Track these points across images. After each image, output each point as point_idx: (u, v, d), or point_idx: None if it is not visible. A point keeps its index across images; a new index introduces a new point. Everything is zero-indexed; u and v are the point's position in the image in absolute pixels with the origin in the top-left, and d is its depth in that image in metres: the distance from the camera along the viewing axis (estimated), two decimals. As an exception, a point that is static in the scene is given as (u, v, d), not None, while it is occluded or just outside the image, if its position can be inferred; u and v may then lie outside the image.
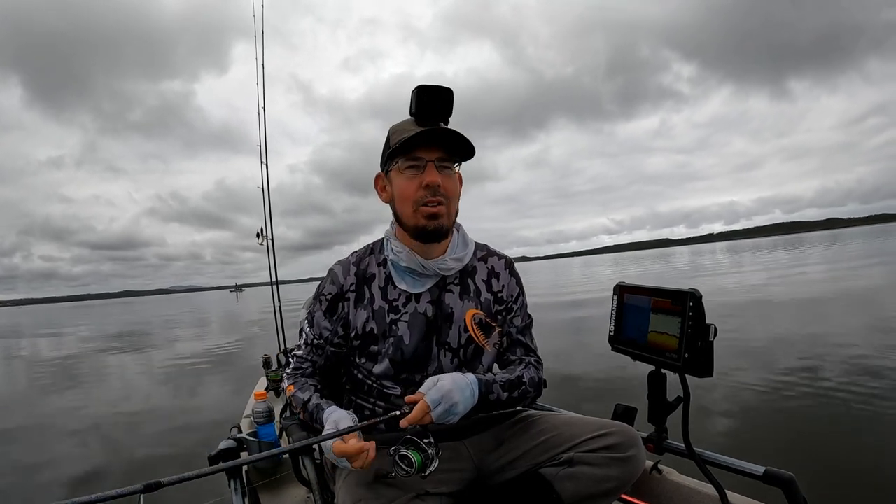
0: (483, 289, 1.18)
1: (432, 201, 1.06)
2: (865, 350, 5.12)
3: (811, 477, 2.45)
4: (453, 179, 1.09)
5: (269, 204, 3.60)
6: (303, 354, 1.18)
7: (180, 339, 14.14)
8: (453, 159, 1.09)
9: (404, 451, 0.91)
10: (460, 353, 1.13)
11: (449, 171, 1.08)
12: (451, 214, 1.10)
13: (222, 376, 7.47)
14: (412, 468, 0.90)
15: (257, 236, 3.58)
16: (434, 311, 1.13)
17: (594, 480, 0.97)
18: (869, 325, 6.56)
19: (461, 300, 1.15)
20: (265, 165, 3.59)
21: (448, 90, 1.05)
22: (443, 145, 1.07)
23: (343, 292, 1.15)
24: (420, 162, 1.06)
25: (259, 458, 0.86)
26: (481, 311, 1.16)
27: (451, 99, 1.06)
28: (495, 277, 1.20)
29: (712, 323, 0.97)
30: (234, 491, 1.48)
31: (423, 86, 1.04)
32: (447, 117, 1.07)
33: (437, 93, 1.04)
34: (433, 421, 0.94)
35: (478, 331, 1.14)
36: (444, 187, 1.07)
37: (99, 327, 23.21)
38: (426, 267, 1.12)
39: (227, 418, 4.17)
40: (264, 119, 3.62)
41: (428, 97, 1.04)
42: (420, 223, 1.07)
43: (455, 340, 1.12)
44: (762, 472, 1.00)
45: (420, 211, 1.07)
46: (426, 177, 1.05)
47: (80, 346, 14.44)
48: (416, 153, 1.06)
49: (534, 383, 1.13)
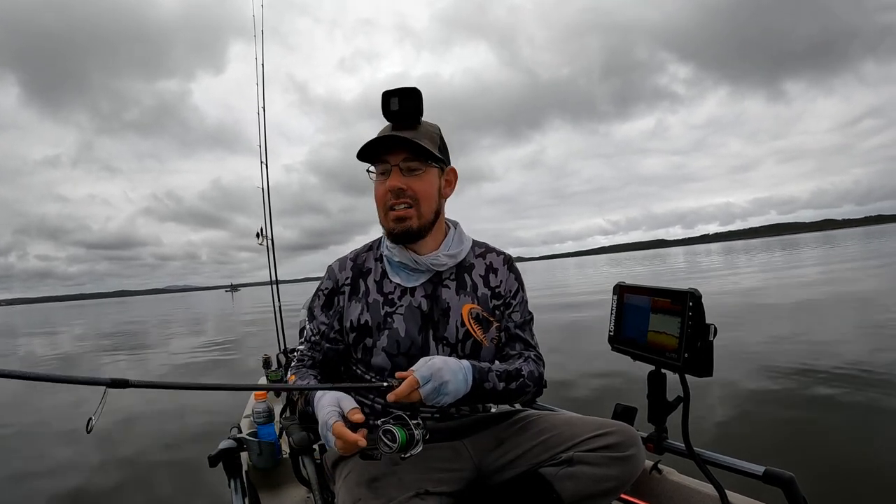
0: (480, 284, 1.18)
1: (396, 204, 1.09)
2: (865, 350, 5.13)
3: (811, 477, 2.45)
4: (423, 180, 1.10)
5: (268, 203, 3.60)
6: (304, 350, 1.20)
7: (179, 340, 14.14)
8: (420, 160, 1.09)
9: (390, 426, 0.89)
10: (458, 348, 1.13)
11: (419, 171, 1.09)
12: (423, 215, 1.11)
13: (222, 377, 7.46)
14: (395, 444, 0.87)
15: (257, 236, 3.58)
16: (429, 305, 1.13)
17: (594, 480, 0.97)
18: (869, 325, 6.56)
19: (457, 295, 1.16)
20: (265, 165, 3.59)
21: (412, 90, 1.07)
22: (409, 147, 1.07)
23: (339, 286, 1.18)
24: (387, 166, 1.09)
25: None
26: (478, 305, 1.16)
27: (417, 98, 1.06)
28: (493, 273, 1.20)
29: (712, 323, 0.97)
30: (234, 491, 1.48)
31: (388, 90, 1.06)
32: (417, 117, 1.09)
33: (398, 95, 1.06)
34: (421, 398, 0.93)
35: (475, 325, 1.15)
36: (413, 189, 1.08)
37: (94, 327, 23.18)
38: (419, 262, 1.13)
39: (227, 418, 4.17)
40: (264, 119, 3.62)
41: (388, 100, 1.06)
42: (389, 226, 1.11)
43: (452, 335, 1.13)
44: (762, 472, 1.00)
45: (389, 215, 1.10)
46: (390, 182, 1.08)
47: (76, 344, 14.39)
48: (382, 157, 1.09)
49: (533, 377, 1.12)
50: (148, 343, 13.98)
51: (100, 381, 0.61)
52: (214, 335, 14.21)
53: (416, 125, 1.09)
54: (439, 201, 1.15)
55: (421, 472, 0.99)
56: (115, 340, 15.01)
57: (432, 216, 1.13)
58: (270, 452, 1.69)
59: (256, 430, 1.73)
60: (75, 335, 18.18)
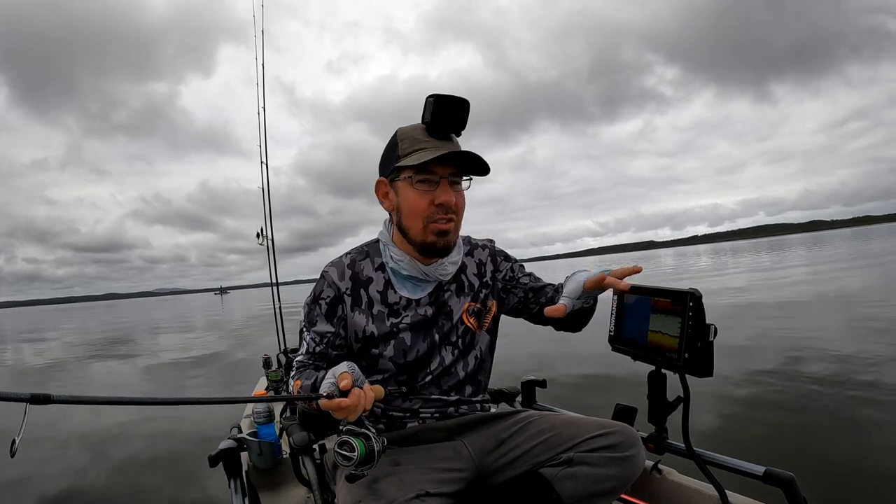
0: (475, 282, 1.21)
1: (443, 219, 1.06)
2: (865, 350, 5.12)
3: (811, 477, 2.45)
4: (462, 195, 1.09)
5: (269, 203, 3.60)
6: (303, 360, 1.16)
7: (178, 339, 14.13)
8: (465, 175, 1.09)
9: (347, 437, 0.83)
10: (458, 344, 1.16)
11: (459, 186, 1.08)
12: (458, 229, 1.12)
13: (222, 377, 7.46)
14: (354, 455, 0.82)
15: (257, 236, 3.59)
16: (434, 312, 1.15)
17: (594, 480, 0.97)
18: (869, 325, 6.56)
19: (458, 297, 1.18)
20: (265, 165, 3.59)
21: (465, 102, 1.03)
22: (457, 161, 1.06)
23: (340, 294, 1.13)
24: (434, 177, 1.04)
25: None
26: (475, 302, 1.20)
27: (468, 112, 1.04)
28: (483, 267, 1.23)
29: (712, 323, 0.97)
30: (234, 491, 1.48)
31: (440, 95, 1.01)
32: (460, 130, 1.06)
33: (453, 105, 1.02)
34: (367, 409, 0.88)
35: (472, 319, 1.18)
36: (457, 204, 1.07)
37: (84, 330, 23.09)
38: (428, 274, 1.13)
39: (227, 418, 4.17)
40: (264, 119, 3.62)
41: (444, 109, 1.02)
42: (429, 239, 1.07)
43: (454, 335, 1.16)
44: (762, 472, 1.00)
45: (430, 228, 1.06)
46: (439, 195, 1.04)
47: (68, 350, 14.02)
48: (430, 167, 1.04)
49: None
50: (150, 343, 13.97)
51: (17, 398, 0.55)
52: (217, 336, 14.19)
53: (457, 137, 1.08)
54: None
55: (421, 472, 0.99)
56: (111, 344, 14.97)
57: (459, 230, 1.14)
58: (271, 452, 1.69)
59: (256, 430, 1.73)
60: (66, 342, 18.00)
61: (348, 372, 0.89)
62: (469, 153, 1.04)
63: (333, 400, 0.85)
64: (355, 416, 0.87)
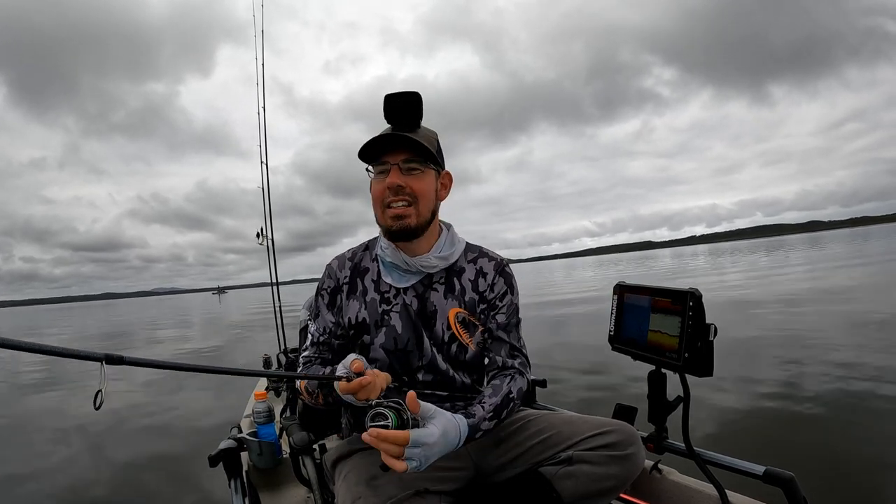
0: (468, 288, 1.18)
1: (394, 201, 1.10)
2: (865, 350, 5.13)
3: (811, 477, 2.44)
4: (423, 180, 1.11)
5: (269, 204, 3.60)
6: (309, 355, 1.18)
7: (176, 340, 14.13)
8: (420, 160, 1.10)
9: (383, 408, 0.83)
10: (444, 349, 1.14)
11: (418, 171, 1.10)
12: (422, 214, 1.11)
13: (222, 377, 7.44)
14: (389, 425, 0.82)
15: (257, 236, 3.59)
16: (419, 306, 1.15)
17: (593, 479, 0.97)
18: (868, 325, 6.56)
19: (445, 298, 1.16)
20: (265, 165, 3.59)
21: (413, 94, 1.09)
22: (411, 148, 1.09)
23: (339, 284, 1.19)
24: (386, 165, 1.10)
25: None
26: (465, 309, 1.16)
27: (418, 102, 1.09)
28: (482, 277, 1.20)
29: (712, 322, 0.97)
30: (234, 491, 1.48)
31: (390, 93, 1.09)
32: (417, 120, 1.11)
33: (400, 100, 1.09)
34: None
35: (461, 329, 1.15)
36: (411, 187, 1.09)
37: (81, 329, 23.11)
38: (409, 264, 1.14)
39: (227, 418, 4.17)
40: (264, 119, 3.62)
41: (390, 104, 1.09)
42: (387, 223, 1.12)
43: (439, 337, 1.14)
44: (762, 471, 1.00)
45: (386, 212, 1.11)
46: (389, 179, 1.09)
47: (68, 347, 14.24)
48: (382, 157, 1.10)
49: (521, 393, 1.11)
50: (148, 343, 13.97)
51: (93, 357, 0.61)
52: (216, 336, 14.19)
53: (415, 128, 1.11)
54: (436, 203, 1.16)
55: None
56: (110, 341, 14.98)
57: (429, 216, 1.14)
58: (270, 452, 1.69)
59: (256, 430, 1.73)
60: (65, 339, 18.08)
61: (358, 358, 0.96)
62: (398, 135, 1.07)
63: (354, 381, 0.91)
64: (376, 393, 0.93)
